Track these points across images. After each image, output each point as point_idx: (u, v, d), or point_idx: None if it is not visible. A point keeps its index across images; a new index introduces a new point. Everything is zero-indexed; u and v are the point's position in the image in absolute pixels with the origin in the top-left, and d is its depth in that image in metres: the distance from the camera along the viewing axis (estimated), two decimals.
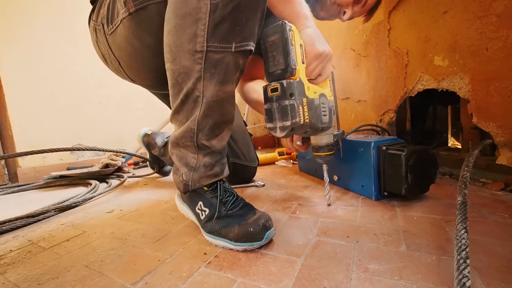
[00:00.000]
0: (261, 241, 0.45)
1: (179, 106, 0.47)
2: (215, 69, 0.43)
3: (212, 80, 0.43)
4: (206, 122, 0.47)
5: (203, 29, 0.40)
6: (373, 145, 0.64)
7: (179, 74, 0.44)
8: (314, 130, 0.56)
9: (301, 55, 0.52)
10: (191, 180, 0.52)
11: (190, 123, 0.47)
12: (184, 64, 0.43)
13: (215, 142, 0.49)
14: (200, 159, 0.50)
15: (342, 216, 0.58)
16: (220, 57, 0.42)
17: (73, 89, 1.48)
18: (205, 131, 0.47)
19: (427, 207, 0.59)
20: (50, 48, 1.41)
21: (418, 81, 0.88)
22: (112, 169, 1.25)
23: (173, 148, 0.53)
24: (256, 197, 0.77)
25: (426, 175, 0.62)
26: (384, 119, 1.04)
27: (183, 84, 0.45)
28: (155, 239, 0.54)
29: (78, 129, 1.50)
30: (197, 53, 0.41)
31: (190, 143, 0.49)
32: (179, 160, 0.53)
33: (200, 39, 0.40)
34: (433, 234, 0.47)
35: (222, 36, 0.41)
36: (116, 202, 0.84)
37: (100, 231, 0.61)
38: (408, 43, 0.90)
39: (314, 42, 0.53)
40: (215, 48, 0.41)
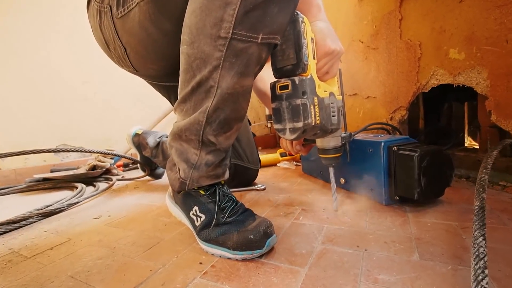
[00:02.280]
0: (262, 249, 0.45)
1: (188, 94, 0.46)
2: (236, 59, 0.42)
3: (231, 71, 0.42)
4: (217, 116, 0.45)
5: (231, 14, 0.39)
6: (383, 145, 0.64)
7: (195, 59, 0.43)
8: (324, 132, 0.55)
9: (313, 50, 0.51)
10: (189, 178, 0.50)
11: (198, 114, 0.46)
12: (202, 49, 0.42)
13: (222, 139, 0.48)
14: (202, 156, 0.49)
15: (350, 222, 0.58)
16: (244, 47, 0.41)
17: (57, 85, 1.48)
18: (213, 126, 0.46)
19: (441, 213, 0.59)
20: (33, 41, 1.40)
21: (432, 76, 0.88)
22: (99, 171, 1.25)
23: (173, 141, 0.52)
24: (256, 202, 0.77)
25: (440, 178, 0.62)
26: (395, 117, 1.04)
27: (197, 71, 0.44)
28: (147, 247, 0.53)
29: (62, 128, 1.50)
30: (220, 39, 0.40)
31: (194, 136, 0.47)
32: (178, 155, 0.51)
33: (226, 24, 0.39)
34: (448, 242, 0.47)
35: (251, 25, 0.40)
36: (104, 207, 0.84)
37: (87, 238, 0.60)
38: (421, 35, 0.90)
39: (326, 37, 0.52)
40: (241, 37, 0.40)
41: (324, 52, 0.53)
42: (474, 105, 0.93)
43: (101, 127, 1.62)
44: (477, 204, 0.44)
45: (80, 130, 1.55)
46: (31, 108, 1.41)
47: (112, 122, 1.66)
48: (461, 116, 1.06)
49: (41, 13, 1.43)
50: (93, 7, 0.60)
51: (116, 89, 1.68)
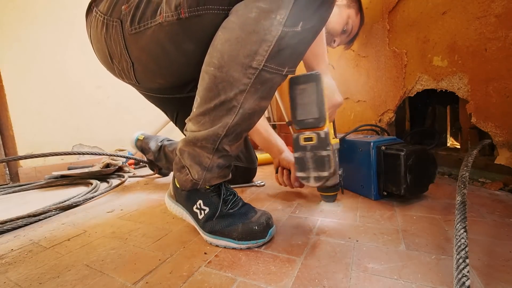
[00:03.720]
0: (264, 239, 0.46)
1: (209, 110, 0.46)
2: (261, 86, 0.43)
3: (255, 95, 0.44)
4: (234, 129, 0.47)
5: (266, 50, 0.40)
6: (372, 145, 0.64)
7: (222, 82, 0.44)
8: (335, 178, 0.56)
9: (327, 104, 0.52)
10: (202, 179, 0.51)
11: (218, 128, 0.46)
12: (231, 74, 0.43)
13: (234, 147, 0.50)
14: (214, 160, 0.49)
15: (342, 216, 0.58)
16: (270, 77, 0.43)
17: (73, 89, 1.48)
18: (230, 137, 0.47)
19: (426, 207, 0.59)
20: (50, 47, 1.40)
21: (417, 81, 0.88)
22: (112, 169, 1.25)
23: (186, 146, 0.51)
24: (256, 197, 0.77)
25: (425, 175, 0.62)
26: (384, 119, 1.04)
27: (222, 91, 0.44)
28: (156, 239, 0.54)
29: (78, 129, 1.50)
30: (251, 69, 0.42)
31: (210, 145, 0.48)
32: (191, 158, 0.51)
33: (260, 57, 0.41)
34: (432, 233, 0.47)
35: (281, 61, 0.42)
36: (117, 202, 0.84)
37: (101, 230, 0.61)
38: (407, 44, 0.90)
39: (334, 92, 0.57)
40: (270, 69, 0.42)
41: (333, 104, 0.58)
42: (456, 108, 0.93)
43: (113, 128, 1.62)
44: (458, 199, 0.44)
45: (94, 131, 1.55)
46: (50, 111, 1.41)
47: (123, 124, 1.66)
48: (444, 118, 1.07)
49: (59, 24, 1.43)
50: (96, 18, 0.56)
51: (127, 93, 1.67)
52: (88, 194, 0.90)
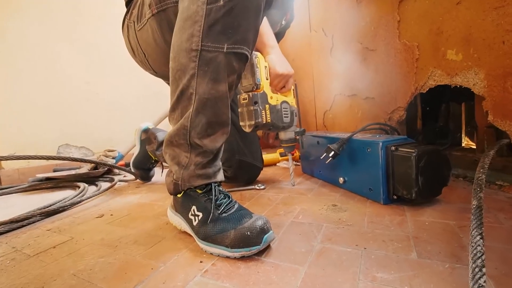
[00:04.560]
0: (259, 246, 0.45)
1: (175, 103, 0.52)
2: (207, 67, 0.48)
3: (205, 78, 0.49)
4: (199, 120, 0.51)
5: (198, 29, 0.47)
6: (381, 145, 0.64)
7: (177, 71, 0.50)
8: (276, 128, 0.78)
9: (265, 74, 0.74)
10: (181, 179, 0.54)
11: (183, 120, 0.51)
12: (181, 61, 0.49)
13: (207, 141, 0.52)
14: (192, 158, 0.53)
15: (348, 221, 0.58)
16: (212, 56, 0.48)
17: (59, 86, 1.48)
18: (197, 129, 0.51)
19: (439, 212, 0.59)
20: (34, 42, 1.40)
21: (430, 77, 0.88)
22: (101, 171, 1.25)
23: (167, 147, 0.56)
24: (255, 201, 0.77)
25: (438, 178, 0.62)
26: (393, 117, 1.04)
27: (179, 80, 0.50)
28: (148, 246, 0.53)
29: (65, 128, 1.50)
30: (193, 51, 0.48)
31: (183, 141, 0.52)
32: (171, 159, 0.55)
33: (196, 38, 0.47)
34: (446, 240, 0.47)
35: (215, 37, 0.47)
36: (106, 206, 0.84)
37: (89, 237, 0.60)
38: (419, 36, 0.89)
39: (275, 64, 0.75)
40: (208, 48, 0.48)
41: (275, 74, 0.75)
42: (471, 105, 0.93)
43: (102, 127, 1.62)
44: (474, 203, 0.44)
45: (82, 130, 1.55)
46: (34, 108, 1.41)
47: (114, 122, 1.66)
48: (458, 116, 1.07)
49: (45, 16, 1.43)
50: (126, 24, 0.77)
51: (118, 90, 1.68)
52: (75, 198, 0.90)
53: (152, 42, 0.69)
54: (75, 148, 1.54)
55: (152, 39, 0.69)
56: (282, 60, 0.77)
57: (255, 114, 0.71)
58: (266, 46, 0.76)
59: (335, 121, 1.36)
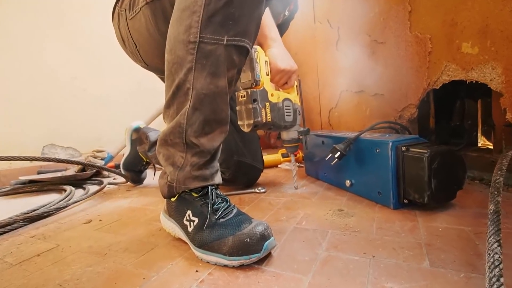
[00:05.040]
0: (259, 253, 0.45)
1: (171, 99, 0.52)
2: (206, 60, 0.48)
3: (203, 72, 0.49)
4: (196, 117, 0.51)
5: (197, 20, 0.46)
6: (391, 145, 0.64)
7: (173, 65, 0.50)
8: (277, 127, 0.78)
9: (266, 69, 0.73)
10: (175, 180, 0.54)
11: (179, 117, 0.51)
12: (178, 54, 0.49)
13: (204, 140, 0.52)
14: (188, 159, 0.53)
15: (356, 227, 0.58)
16: (211, 49, 0.48)
17: (44, 82, 1.48)
18: (194, 127, 0.51)
19: (453, 217, 0.59)
20: (16, 34, 1.40)
21: (443, 71, 0.88)
22: (89, 173, 1.25)
23: (160, 147, 0.56)
24: (255, 206, 0.77)
25: (452, 180, 0.62)
26: (404, 115, 1.04)
27: (175, 75, 0.50)
28: (140, 254, 0.53)
29: (50, 127, 1.50)
30: (190, 44, 0.47)
31: (178, 139, 0.52)
32: (165, 159, 0.55)
33: (194, 30, 0.47)
34: (460, 248, 0.47)
35: (215, 29, 0.47)
36: (95, 211, 0.84)
37: (76, 244, 0.60)
38: (432, 28, 0.89)
39: (277, 60, 0.74)
40: (208, 39, 0.47)
41: (276, 70, 0.75)
42: (488, 102, 0.93)
43: (90, 126, 1.62)
44: (491, 208, 0.44)
45: (69, 129, 1.55)
46: (16, 106, 1.41)
47: (102, 120, 1.66)
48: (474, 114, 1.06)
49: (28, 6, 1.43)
50: (116, 12, 0.77)
51: (107, 85, 1.68)
52: (61, 202, 0.90)
53: (145, 32, 0.69)
54: (61, 149, 1.54)
55: (144, 29, 0.69)
56: (284, 54, 0.77)
57: (254, 112, 0.71)
58: (267, 39, 0.75)
59: (341, 120, 1.36)
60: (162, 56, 0.65)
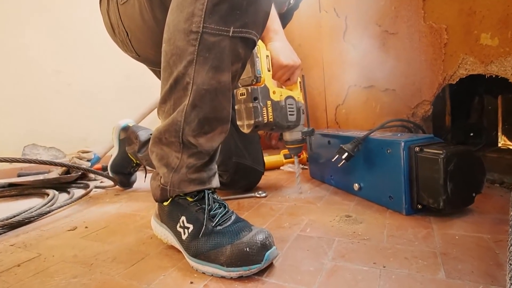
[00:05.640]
0: (260, 264, 0.45)
1: (168, 93, 0.51)
2: (209, 53, 0.47)
3: (205, 65, 0.48)
4: (195, 115, 0.50)
5: (201, 8, 0.45)
6: (403, 145, 0.64)
7: (172, 56, 0.49)
8: (279, 127, 0.78)
9: (267, 64, 0.73)
10: (169, 183, 0.53)
11: (176, 114, 0.50)
12: (177, 44, 0.48)
13: (203, 140, 0.52)
14: (184, 160, 0.52)
15: (365, 235, 0.58)
16: (215, 41, 0.47)
17: (24, 76, 1.48)
18: (192, 125, 0.50)
19: (471, 224, 0.59)
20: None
21: (460, 65, 0.88)
22: (74, 176, 1.25)
23: (154, 146, 0.56)
24: (256, 211, 0.77)
25: (470, 184, 0.62)
26: (418, 112, 1.04)
27: (174, 67, 0.49)
28: (129, 264, 0.53)
29: (31, 126, 1.50)
30: (192, 34, 0.46)
31: (174, 138, 0.51)
32: (159, 159, 0.55)
33: (197, 18, 0.45)
34: (479, 257, 0.47)
35: (220, 18, 0.46)
36: (80, 217, 0.84)
37: (60, 253, 0.60)
38: (448, 17, 0.90)
39: (279, 55, 0.74)
40: (212, 30, 0.46)
41: (278, 66, 0.74)
42: (509, 98, 0.93)
43: (75, 124, 1.62)
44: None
45: (52, 128, 1.55)
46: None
47: (89, 118, 1.66)
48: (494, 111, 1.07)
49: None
50: None
51: (94, 80, 1.68)
52: (44, 207, 0.90)
53: (138, 19, 0.68)
54: (43, 149, 1.54)
55: (138, 15, 0.68)
56: (287, 49, 0.76)
57: (254, 112, 0.71)
58: (269, 31, 0.74)
59: (349, 117, 1.36)
60: (156, 46, 0.64)
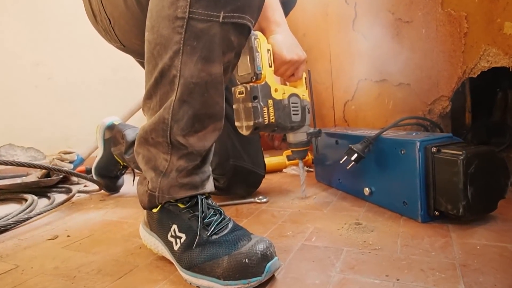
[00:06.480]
0: (260, 277, 0.45)
1: (153, 88, 0.51)
2: (197, 42, 0.46)
3: (193, 56, 0.47)
4: (184, 111, 0.49)
5: None
6: (418, 145, 0.64)
7: (156, 46, 0.48)
8: (282, 129, 0.78)
9: (268, 60, 0.72)
10: (158, 189, 0.53)
11: (163, 111, 0.50)
12: (162, 33, 0.47)
13: (193, 140, 0.51)
14: (173, 162, 0.52)
15: (376, 244, 0.58)
16: (204, 27, 0.46)
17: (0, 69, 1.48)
18: (181, 123, 0.50)
19: (494, 232, 0.59)
20: None
21: (482, 57, 0.88)
22: (55, 179, 1.25)
23: (140, 147, 0.55)
24: (256, 218, 0.77)
25: (492, 188, 0.62)
26: (435, 109, 1.04)
27: (158, 58, 0.48)
28: (116, 277, 0.53)
29: (7, 123, 1.50)
30: (178, 20, 0.45)
31: (162, 138, 0.51)
32: (145, 162, 0.55)
33: (182, 2, 0.44)
34: (502, 269, 0.47)
35: (209, 1, 0.45)
36: (62, 225, 0.84)
37: (39, 265, 0.60)
38: (468, 4, 0.90)
39: (282, 49, 0.72)
40: (199, 15, 0.45)
41: (281, 61, 0.73)
42: None
43: (56, 122, 1.62)
44: None
45: (30, 126, 1.55)
46: None
47: (71, 116, 1.66)
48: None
49: None
50: None
51: (77, 73, 1.68)
52: (21, 214, 0.90)
53: (122, 4, 0.67)
54: (20, 150, 1.54)
55: (121, 1, 0.66)
56: (290, 42, 0.76)
57: (254, 112, 0.70)
58: (270, 23, 0.74)
59: (358, 115, 1.36)
60: (142, 35, 0.62)
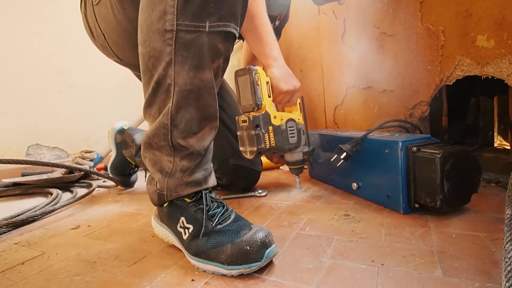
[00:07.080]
0: (260, 262, 0.45)
1: (151, 97, 0.50)
2: (187, 52, 0.46)
3: (185, 65, 0.46)
4: (182, 116, 0.49)
5: (172, 4, 0.43)
6: (401, 145, 0.64)
7: (149, 58, 0.47)
8: (281, 151, 0.79)
9: (268, 91, 0.73)
10: (166, 188, 0.53)
11: (162, 117, 0.49)
12: (154, 46, 0.46)
13: (193, 141, 0.51)
14: (177, 163, 0.52)
15: (363, 233, 0.58)
16: (192, 38, 0.45)
17: (28, 77, 1.48)
18: (180, 127, 0.49)
19: (468, 222, 0.60)
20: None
21: (457, 66, 0.88)
22: (77, 175, 1.25)
23: (145, 151, 0.55)
24: (255, 210, 0.77)
25: (466, 183, 0.62)
26: (415, 113, 1.04)
27: (153, 70, 0.48)
28: (131, 262, 0.54)
29: (35, 125, 1.50)
30: (167, 33, 0.45)
31: (164, 142, 0.50)
32: (152, 165, 0.54)
33: (170, 16, 0.43)
34: (475, 255, 0.47)
35: (194, 13, 0.44)
36: (83, 216, 0.84)
37: (63, 252, 0.61)
38: (445, 19, 0.90)
39: (279, 81, 0.74)
40: (186, 27, 0.44)
41: (278, 92, 0.75)
42: (505, 99, 0.93)
43: (78, 124, 1.62)
44: (508, 213, 0.44)
45: (55, 128, 1.55)
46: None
47: (91, 119, 1.66)
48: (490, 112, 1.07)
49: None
50: None
51: (96, 81, 1.68)
52: (47, 206, 0.90)
53: (112, 19, 0.65)
54: (47, 149, 1.54)
55: (111, 15, 0.64)
56: (286, 74, 0.77)
57: (257, 139, 0.71)
58: (269, 59, 0.75)
59: (347, 118, 1.36)
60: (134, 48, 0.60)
